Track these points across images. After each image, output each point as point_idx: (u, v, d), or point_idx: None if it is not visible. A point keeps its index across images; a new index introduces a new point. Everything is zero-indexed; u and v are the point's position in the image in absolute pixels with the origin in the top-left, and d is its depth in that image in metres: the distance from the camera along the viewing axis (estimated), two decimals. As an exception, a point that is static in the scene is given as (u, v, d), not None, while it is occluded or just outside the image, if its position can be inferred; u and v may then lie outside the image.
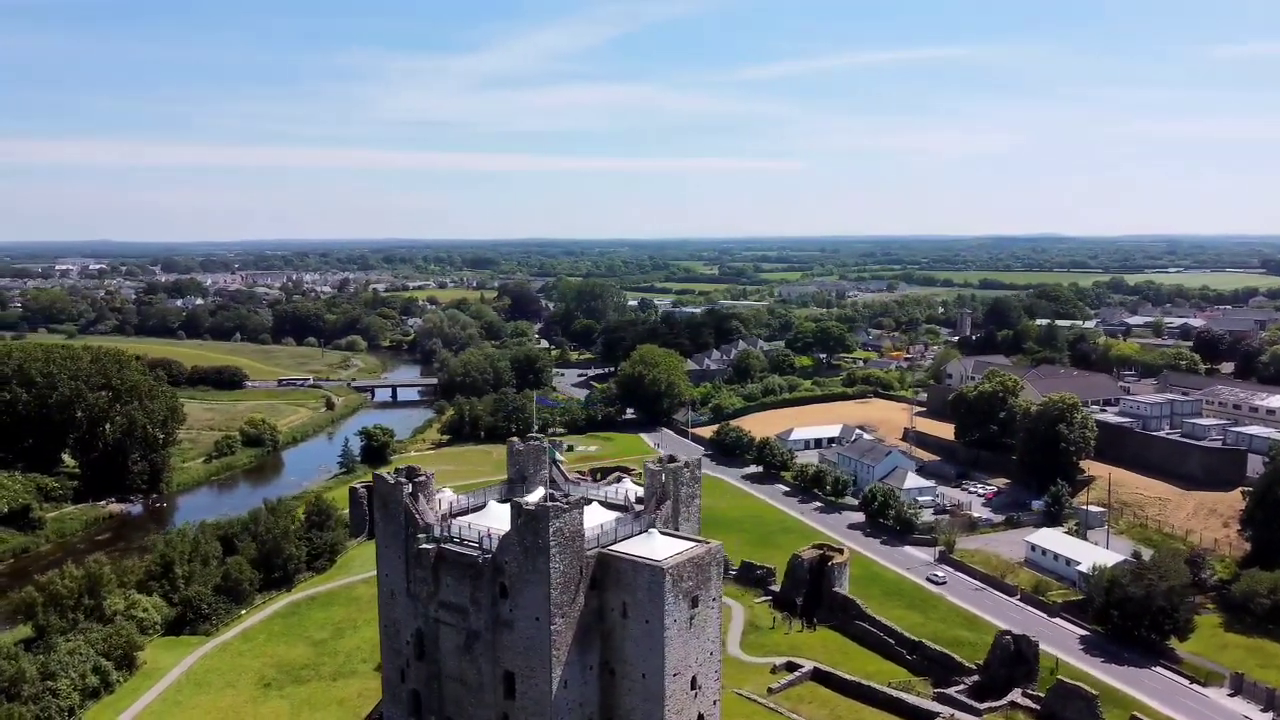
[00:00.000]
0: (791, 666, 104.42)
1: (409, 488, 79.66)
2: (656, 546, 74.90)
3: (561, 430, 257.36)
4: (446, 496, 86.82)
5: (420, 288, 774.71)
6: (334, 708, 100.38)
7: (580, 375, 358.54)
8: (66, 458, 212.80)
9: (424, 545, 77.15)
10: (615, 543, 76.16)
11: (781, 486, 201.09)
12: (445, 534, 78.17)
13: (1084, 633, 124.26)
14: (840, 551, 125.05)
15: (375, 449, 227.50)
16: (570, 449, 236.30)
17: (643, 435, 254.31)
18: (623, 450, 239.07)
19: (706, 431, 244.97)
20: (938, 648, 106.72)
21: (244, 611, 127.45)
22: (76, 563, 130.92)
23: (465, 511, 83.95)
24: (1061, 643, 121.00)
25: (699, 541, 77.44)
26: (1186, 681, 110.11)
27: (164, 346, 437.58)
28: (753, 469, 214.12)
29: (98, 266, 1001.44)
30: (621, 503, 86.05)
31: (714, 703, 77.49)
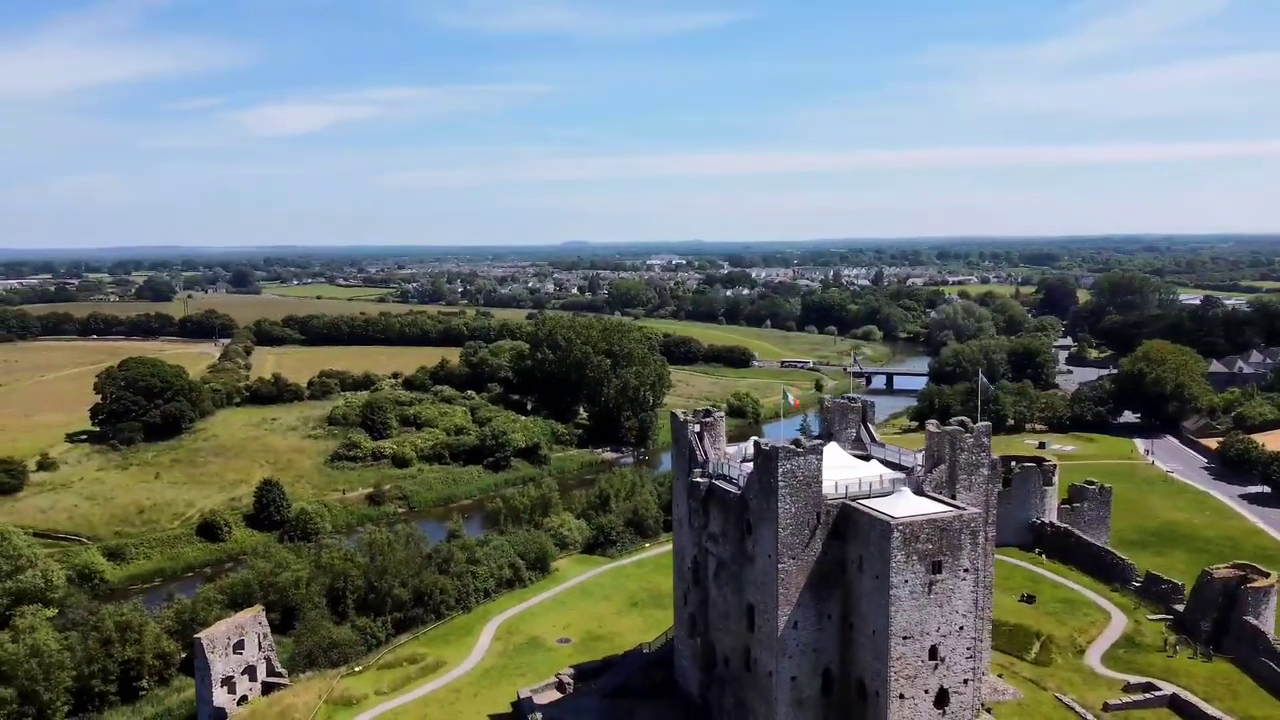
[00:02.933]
0: (1149, 688, 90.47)
1: (696, 427, 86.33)
2: (901, 504, 72.34)
3: (1041, 426, 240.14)
4: (749, 444, 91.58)
5: (960, 283, 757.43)
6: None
7: (1095, 373, 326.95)
8: (583, 410, 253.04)
9: (697, 479, 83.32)
10: (868, 497, 75.04)
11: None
12: (719, 471, 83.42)
13: None
14: (1266, 575, 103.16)
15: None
16: (1041, 445, 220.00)
17: (1136, 440, 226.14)
18: (1103, 452, 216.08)
19: (1213, 443, 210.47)
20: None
21: (647, 544, 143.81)
22: (535, 487, 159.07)
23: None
24: None
25: (956, 508, 72.82)
26: None
27: (701, 329, 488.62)
28: (1258, 489, 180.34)
29: (677, 261, 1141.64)
30: (907, 465, 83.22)
31: (964, 681, 72.36)
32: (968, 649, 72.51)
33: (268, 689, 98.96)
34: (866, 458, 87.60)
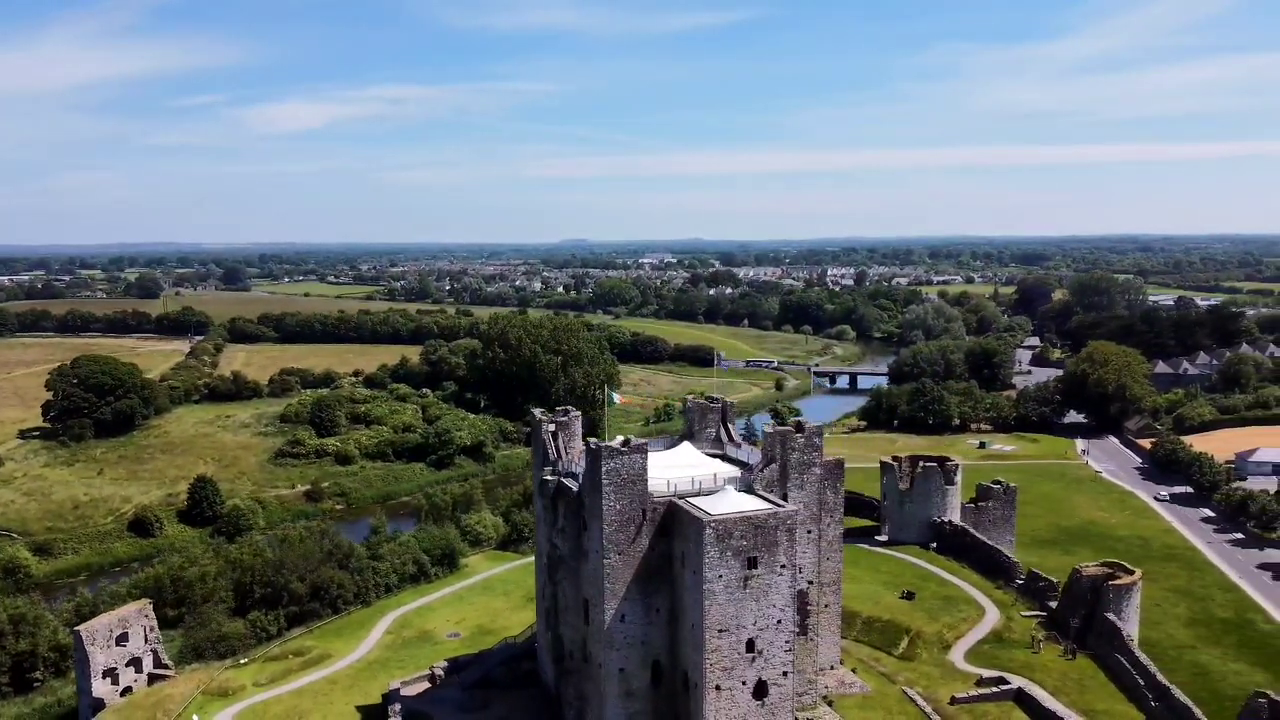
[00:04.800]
0: (1000, 682, 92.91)
1: (550, 426, 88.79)
2: (723, 503, 74.73)
3: (987, 427, 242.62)
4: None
5: (945, 283, 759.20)
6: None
7: (1055, 373, 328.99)
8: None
9: (546, 477, 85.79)
10: (697, 495, 77.42)
11: (1206, 511, 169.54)
12: (568, 469, 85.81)
13: None
14: (1132, 572, 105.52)
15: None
16: (982, 446, 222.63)
17: (1077, 440, 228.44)
18: (1042, 452, 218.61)
19: (1151, 443, 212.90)
20: (1183, 699, 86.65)
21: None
22: (460, 485, 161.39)
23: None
24: None
25: (777, 506, 75.26)
26: None
27: (680, 327, 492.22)
28: (1182, 489, 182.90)
29: (668, 260, 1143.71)
30: (754, 464, 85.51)
31: (784, 674, 74.75)
32: (786, 642, 74.92)
33: (154, 680, 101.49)
34: (721, 457, 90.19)
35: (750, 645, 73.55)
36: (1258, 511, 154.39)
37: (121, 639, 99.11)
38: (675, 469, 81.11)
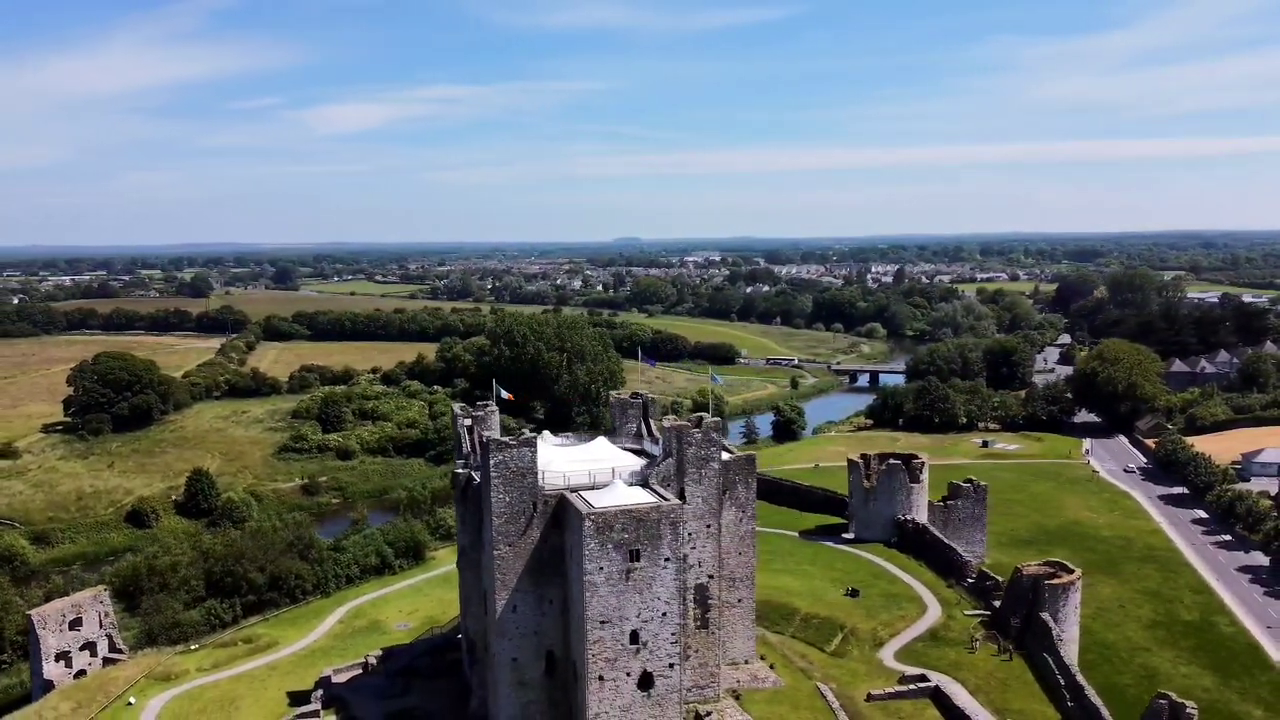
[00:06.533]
0: (920, 680, 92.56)
1: (466, 420, 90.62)
2: (610, 496, 75.84)
3: (995, 425, 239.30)
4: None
5: (989, 279, 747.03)
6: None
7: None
8: (539, 405, 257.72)
9: (458, 470, 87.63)
10: (591, 489, 78.56)
11: (1199, 512, 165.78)
12: (478, 463, 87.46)
13: None
14: (1071, 571, 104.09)
15: (784, 425, 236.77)
16: (985, 445, 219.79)
17: (1086, 440, 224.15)
18: (1045, 452, 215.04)
19: (1155, 443, 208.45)
20: (1094, 699, 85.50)
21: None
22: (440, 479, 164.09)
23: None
24: None
25: (663, 499, 76.13)
26: None
27: (712, 326, 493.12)
28: (1178, 490, 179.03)
29: (712, 258, 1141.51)
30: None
31: (670, 666, 75.62)
32: (673, 635, 75.71)
33: (108, 664, 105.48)
34: (638, 452, 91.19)
35: (634, 637, 74.44)
36: (1244, 513, 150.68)
37: (75, 624, 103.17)
38: (578, 463, 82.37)
